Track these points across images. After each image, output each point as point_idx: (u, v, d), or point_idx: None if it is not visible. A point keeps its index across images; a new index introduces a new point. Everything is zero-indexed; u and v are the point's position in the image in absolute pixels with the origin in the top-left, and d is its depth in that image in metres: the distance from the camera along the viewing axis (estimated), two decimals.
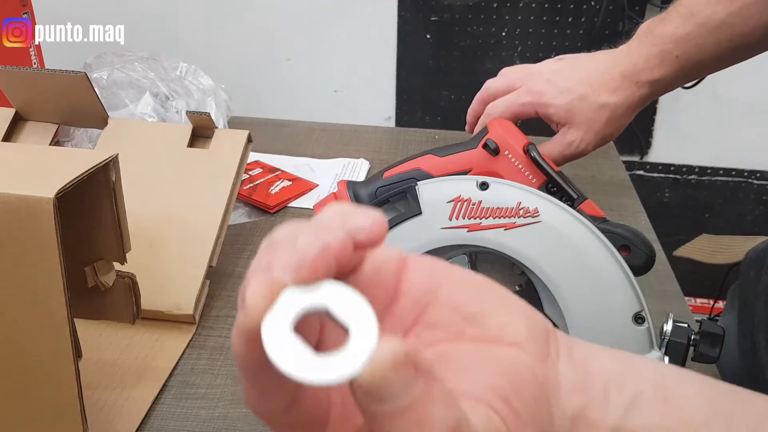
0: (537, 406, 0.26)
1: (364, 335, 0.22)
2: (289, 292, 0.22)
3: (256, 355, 0.22)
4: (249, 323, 0.22)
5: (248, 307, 0.22)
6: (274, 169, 0.94)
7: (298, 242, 0.23)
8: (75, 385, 0.46)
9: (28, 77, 0.71)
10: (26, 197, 0.42)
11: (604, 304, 0.46)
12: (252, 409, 0.25)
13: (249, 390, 0.24)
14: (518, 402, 0.25)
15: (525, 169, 0.52)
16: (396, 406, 0.21)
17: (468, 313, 0.27)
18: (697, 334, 0.47)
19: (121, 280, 0.55)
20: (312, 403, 0.25)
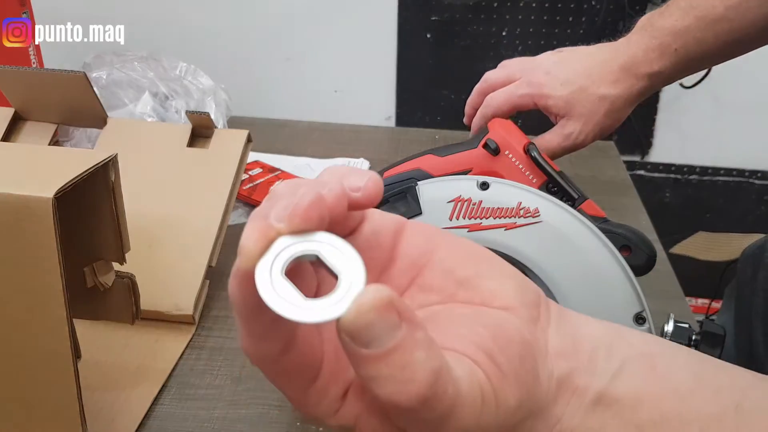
0: (522, 364, 0.26)
1: (352, 281, 0.23)
2: (283, 240, 0.23)
3: (250, 298, 0.23)
4: (243, 266, 0.23)
5: (243, 250, 0.23)
6: (273, 169, 0.94)
7: (296, 193, 0.24)
8: (74, 385, 0.46)
9: (28, 77, 0.71)
10: (25, 197, 0.42)
11: (604, 304, 0.45)
12: (247, 354, 0.25)
13: (245, 335, 0.25)
14: (503, 358, 0.25)
15: (525, 169, 0.52)
16: (379, 350, 0.22)
17: (461, 277, 0.28)
18: (698, 335, 0.47)
19: (121, 281, 0.55)
20: (304, 351, 0.26)
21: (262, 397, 0.59)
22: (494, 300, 0.27)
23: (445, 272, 0.28)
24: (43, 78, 0.71)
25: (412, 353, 0.22)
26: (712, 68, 1.38)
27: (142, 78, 0.87)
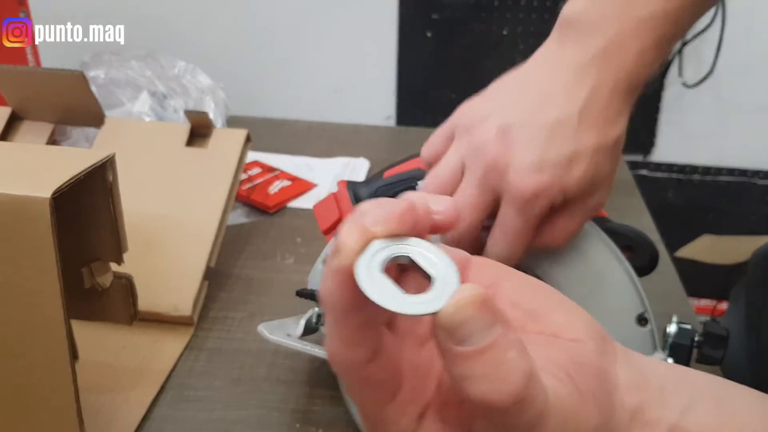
0: (599, 387, 0.26)
1: (446, 282, 0.24)
2: (378, 242, 0.24)
3: (346, 296, 0.24)
4: (344, 262, 0.24)
5: (343, 248, 0.24)
6: (272, 169, 0.93)
7: (385, 205, 0.26)
8: (71, 387, 0.46)
9: (25, 76, 0.71)
10: (22, 197, 0.41)
11: (607, 305, 0.45)
12: (333, 360, 0.26)
13: (335, 339, 0.25)
14: (581, 379, 0.26)
15: None
16: (474, 347, 0.23)
17: (528, 309, 0.28)
18: (700, 336, 0.46)
19: (119, 281, 0.54)
20: (389, 362, 0.26)
21: (261, 399, 0.59)
22: (564, 332, 0.28)
23: (513, 304, 0.28)
24: (40, 77, 0.70)
25: (506, 352, 0.23)
26: (716, 67, 1.37)
27: (140, 77, 0.86)
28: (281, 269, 0.76)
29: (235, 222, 0.83)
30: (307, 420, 0.57)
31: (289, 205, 0.87)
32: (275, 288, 0.73)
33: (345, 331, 0.25)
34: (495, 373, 0.23)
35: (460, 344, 0.23)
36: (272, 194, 0.87)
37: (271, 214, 0.85)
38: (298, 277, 0.74)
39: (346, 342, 0.25)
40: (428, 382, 0.27)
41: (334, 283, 0.24)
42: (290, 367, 0.62)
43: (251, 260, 0.77)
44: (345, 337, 0.25)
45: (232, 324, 0.67)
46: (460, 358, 0.23)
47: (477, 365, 0.23)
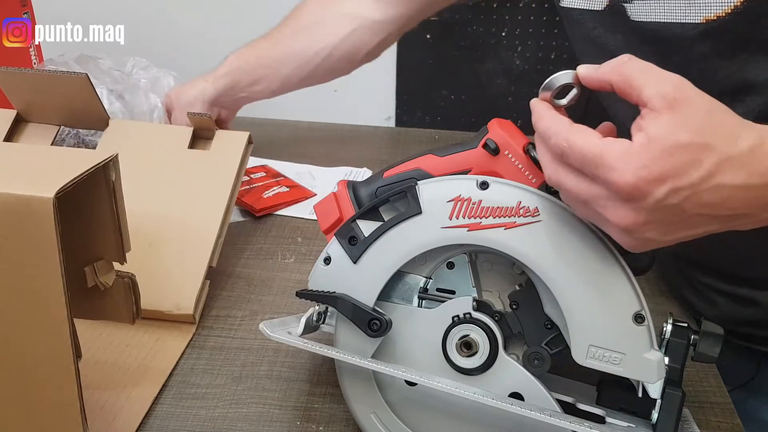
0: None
1: None
2: None
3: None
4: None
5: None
6: (277, 174, 0.93)
7: None
8: (75, 385, 0.46)
9: (30, 78, 0.71)
10: (26, 197, 0.42)
11: (604, 303, 0.46)
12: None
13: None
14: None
15: (525, 169, 0.52)
16: None
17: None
18: (697, 334, 0.47)
19: (121, 280, 0.55)
20: None
21: (262, 396, 0.59)
22: None
23: None
24: (45, 79, 0.71)
25: None
26: None
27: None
28: (282, 268, 0.76)
29: (236, 220, 0.84)
30: (307, 417, 0.57)
31: (278, 212, 0.86)
32: (276, 287, 0.73)
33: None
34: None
35: None
36: (264, 198, 0.87)
37: (257, 217, 0.85)
38: (298, 276, 0.75)
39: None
40: None
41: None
42: (291, 365, 0.63)
43: (252, 260, 0.77)
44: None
45: (233, 322, 0.68)
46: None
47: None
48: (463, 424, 0.51)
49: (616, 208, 0.40)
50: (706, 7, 0.55)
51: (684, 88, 0.39)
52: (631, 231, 0.40)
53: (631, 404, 0.50)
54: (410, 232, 0.49)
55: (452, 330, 0.50)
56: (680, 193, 0.38)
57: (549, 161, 0.43)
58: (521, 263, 0.47)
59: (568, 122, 0.42)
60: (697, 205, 0.39)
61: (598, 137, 0.40)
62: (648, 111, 0.39)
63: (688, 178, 0.38)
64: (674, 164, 0.38)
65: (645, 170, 0.38)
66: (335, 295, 0.51)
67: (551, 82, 0.44)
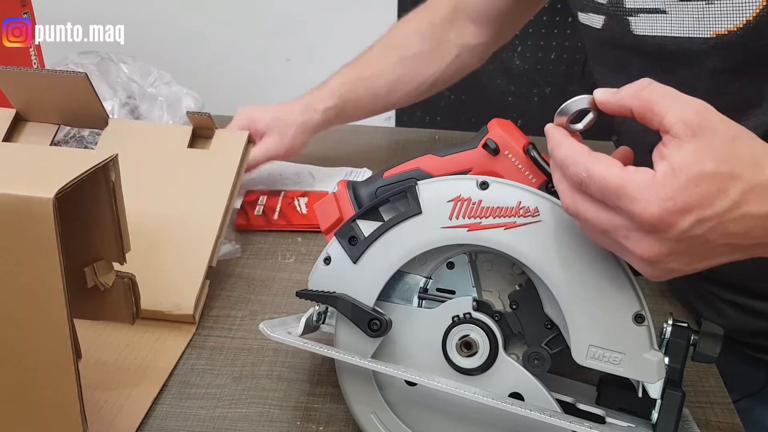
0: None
1: None
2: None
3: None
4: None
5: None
6: (275, 192, 0.91)
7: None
8: (75, 385, 0.46)
9: (29, 78, 0.71)
10: (26, 197, 0.42)
11: (604, 303, 0.46)
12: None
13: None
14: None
15: (525, 169, 0.52)
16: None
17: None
18: (696, 334, 0.47)
19: (121, 281, 0.55)
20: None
21: (262, 396, 0.59)
22: None
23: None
24: (44, 79, 0.71)
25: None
26: None
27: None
28: (282, 268, 0.76)
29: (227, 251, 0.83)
30: (307, 417, 0.57)
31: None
32: (276, 287, 0.73)
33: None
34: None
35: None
36: (300, 214, 0.85)
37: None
38: (298, 276, 0.75)
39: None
40: None
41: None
42: (291, 365, 0.63)
43: (252, 259, 0.77)
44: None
45: (233, 322, 0.68)
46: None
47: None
48: (463, 424, 0.51)
49: (639, 240, 0.39)
50: (717, 22, 0.54)
51: (708, 114, 0.38)
52: (655, 262, 0.39)
53: (631, 404, 0.50)
54: (410, 232, 0.49)
55: (452, 330, 0.50)
56: (706, 223, 0.37)
57: (566, 189, 0.42)
58: (521, 263, 0.47)
59: (587, 150, 0.41)
60: (723, 235, 0.38)
61: (619, 167, 0.39)
62: (670, 138, 0.38)
63: (713, 209, 0.37)
64: (700, 194, 0.37)
65: (670, 201, 0.37)
66: (335, 295, 0.51)
67: (567, 107, 0.43)
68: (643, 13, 0.58)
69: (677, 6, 0.56)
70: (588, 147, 0.41)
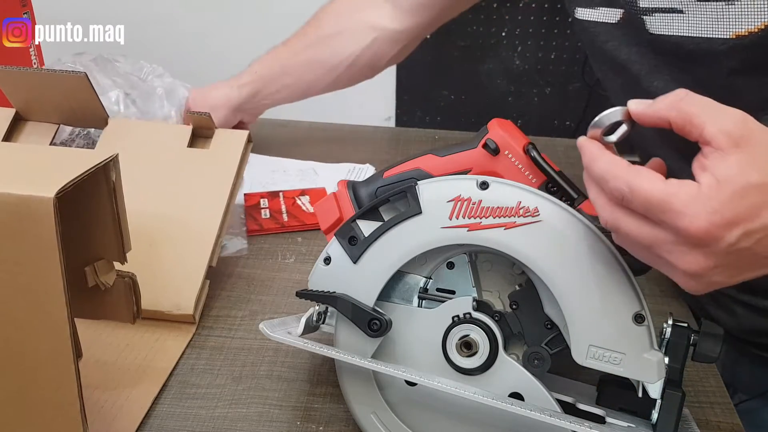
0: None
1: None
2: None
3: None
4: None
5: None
6: (275, 193, 0.91)
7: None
8: (75, 385, 0.46)
9: (29, 77, 0.71)
10: (26, 197, 0.42)
11: (604, 303, 0.46)
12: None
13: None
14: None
15: (525, 169, 0.52)
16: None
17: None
18: (696, 334, 0.47)
19: (121, 280, 0.55)
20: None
21: (262, 396, 0.59)
22: None
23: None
24: (44, 78, 0.71)
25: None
26: None
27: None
28: (282, 268, 0.76)
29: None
30: (307, 417, 0.57)
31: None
32: (276, 287, 0.73)
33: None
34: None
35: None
36: (307, 213, 0.85)
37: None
38: (298, 276, 0.75)
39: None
40: None
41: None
42: (291, 365, 0.63)
43: (252, 259, 0.77)
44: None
45: (233, 322, 0.68)
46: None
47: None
48: (463, 424, 0.51)
49: (684, 254, 0.38)
50: (737, 23, 0.53)
51: (748, 124, 0.37)
52: (699, 276, 0.39)
53: (631, 404, 0.50)
54: (410, 232, 0.49)
55: (452, 330, 0.50)
56: (753, 235, 0.37)
57: (605, 204, 0.41)
58: (521, 263, 0.47)
59: (627, 164, 0.40)
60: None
61: (661, 180, 0.38)
62: (712, 150, 0.37)
63: (761, 220, 0.37)
64: (747, 206, 0.36)
65: (717, 215, 0.36)
66: (335, 295, 0.51)
67: (601, 121, 0.42)
68: (659, 12, 0.58)
69: (695, 6, 0.55)
70: (626, 160, 0.41)
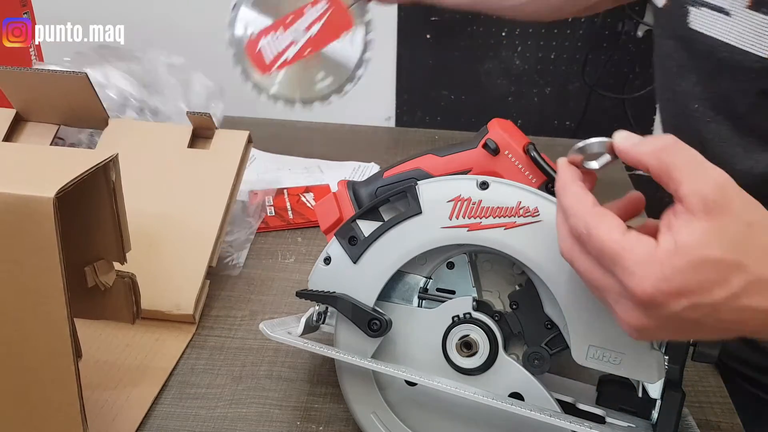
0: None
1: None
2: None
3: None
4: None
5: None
6: (280, 190, 0.91)
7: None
8: (75, 385, 0.46)
9: (29, 78, 0.71)
10: (26, 197, 0.42)
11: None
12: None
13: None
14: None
15: (525, 169, 0.52)
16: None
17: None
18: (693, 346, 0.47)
19: (121, 280, 0.55)
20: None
21: (262, 396, 0.59)
22: None
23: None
24: (44, 79, 0.71)
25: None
26: None
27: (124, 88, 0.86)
28: (282, 268, 0.76)
29: None
30: (307, 417, 0.57)
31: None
32: (276, 287, 0.73)
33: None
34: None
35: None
36: (309, 208, 0.86)
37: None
38: (298, 276, 0.75)
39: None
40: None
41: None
42: (291, 365, 0.63)
43: (252, 259, 0.77)
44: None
45: (233, 322, 0.68)
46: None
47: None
48: (463, 424, 0.51)
49: (628, 309, 0.37)
50: None
51: (726, 190, 0.35)
52: (641, 331, 0.38)
53: (631, 404, 0.50)
54: (410, 232, 0.49)
55: (452, 330, 0.50)
56: (699, 309, 0.35)
57: (566, 236, 0.40)
58: (521, 263, 0.47)
59: (592, 203, 0.39)
60: (715, 320, 0.36)
61: (620, 231, 0.37)
62: (683, 211, 0.36)
63: (710, 297, 0.35)
64: (699, 281, 0.35)
65: (665, 283, 0.35)
66: (335, 295, 0.51)
67: (584, 149, 0.41)
68: (706, 7, 0.55)
69: (744, 13, 0.53)
70: (593, 198, 0.39)
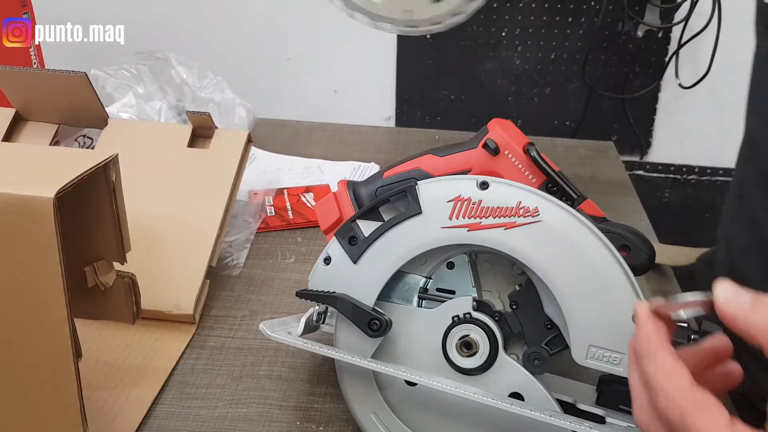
0: None
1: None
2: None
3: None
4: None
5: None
6: (280, 190, 0.91)
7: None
8: (75, 385, 0.46)
9: (29, 77, 0.71)
10: (26, 197, 0.42)
11: (603, 303, 0.46)
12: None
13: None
14: None
15: (525, 169, 0.52)
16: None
17: None
18: (696, 334, 0.47)
19: (121, 280, 0.55)
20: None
21: (262, 396, 0.59)
22: None
23: None
24: (44, 78, 0.71)
25: None
26: (712, 68, 1.38)
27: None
28: (282, 268, 0.76)
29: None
30: (307, 417, 0.57)
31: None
32: (276, 287, 0.73)
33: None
34: None
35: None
36: (309, 208, 0.86)
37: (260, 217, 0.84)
38: (298, 276, 0.75)
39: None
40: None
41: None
42: (291, 365, 0.63)
43: (252, 259, 0.77)
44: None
45: (233, 322, 0.68)
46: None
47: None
48: (463, 424, 0.51)
49: None
50: None
51: None
52: None
53: (631, 404, 0.50)
54: (410, 232, 0.49)
55: (452, 330, 0.50)
56: None
57: (644, 406, 0.35)
58: (521, 263, 0.47)
59: (689, 383, 0.33)
60: None
61: (727, 426, 0.31)
62: None
63: None
64: None
65: None
66: (335, 295, 0.51)
67: (678, 314, 0.37)
68: None
69: None
70: (689, 375, 0.33)
